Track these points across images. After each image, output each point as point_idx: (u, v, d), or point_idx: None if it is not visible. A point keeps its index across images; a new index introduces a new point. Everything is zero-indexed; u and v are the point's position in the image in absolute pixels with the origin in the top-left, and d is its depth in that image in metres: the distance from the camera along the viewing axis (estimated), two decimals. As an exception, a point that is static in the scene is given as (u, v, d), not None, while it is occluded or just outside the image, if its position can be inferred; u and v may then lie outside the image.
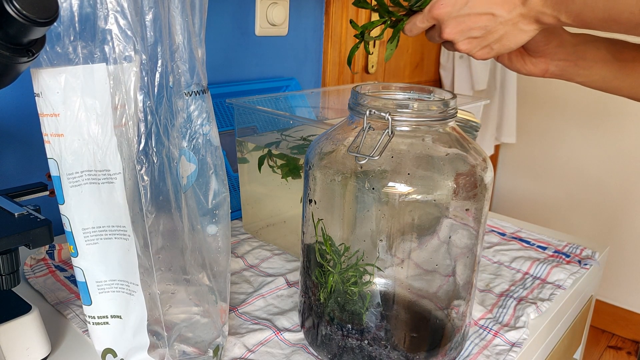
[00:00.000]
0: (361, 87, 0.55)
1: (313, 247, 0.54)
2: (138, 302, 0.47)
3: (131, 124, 0.43)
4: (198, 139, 0.49)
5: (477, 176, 0.50)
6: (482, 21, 0.54)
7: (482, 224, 0.53)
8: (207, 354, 0.52)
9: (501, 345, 0.61)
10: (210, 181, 0.50)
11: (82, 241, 0.46)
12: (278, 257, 0.79)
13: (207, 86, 0.50)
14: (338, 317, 0.53)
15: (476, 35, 0.55)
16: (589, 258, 0.84)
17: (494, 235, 0.92)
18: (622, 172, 1.92)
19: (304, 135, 0.78)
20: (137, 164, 0.44)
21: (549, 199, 2.11)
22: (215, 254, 0.51)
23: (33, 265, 0.72)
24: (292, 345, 0.59)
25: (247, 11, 1.06)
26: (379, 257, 0.51)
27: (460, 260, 0.52)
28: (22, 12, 0.32)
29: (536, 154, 2.11)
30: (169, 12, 0.45)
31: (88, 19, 0.41)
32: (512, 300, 0.70)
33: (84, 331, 0.58)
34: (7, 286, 0.48)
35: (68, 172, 0.44)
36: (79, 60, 0.42)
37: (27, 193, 0.58)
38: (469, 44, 0.56)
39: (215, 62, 1.03)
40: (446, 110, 0.50)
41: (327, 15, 1.23)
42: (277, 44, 1.15)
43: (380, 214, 0.49)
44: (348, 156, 0.50)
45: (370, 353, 0.52)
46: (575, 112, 1.98)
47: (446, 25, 0.55)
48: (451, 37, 0.56)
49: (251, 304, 0.66)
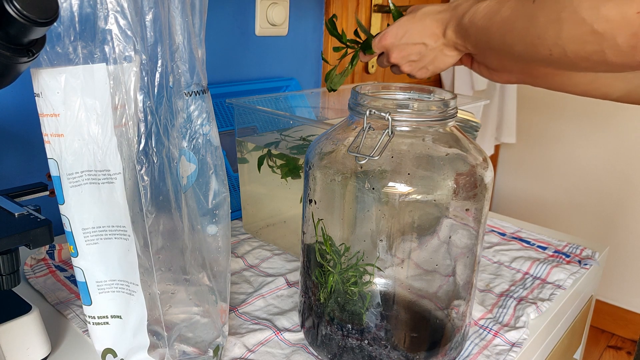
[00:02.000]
0: (361, 87, 0.55)
1: (313, 247, 0.54)
2: (138, 302, 0.47)
3: (131, 124, 0.43)
4: (198, 139, 0.49)
5: (477, 176, 0.50)
6: (417, 48, 0.68)
7: (482, 224, 0.53)
8: (207, 354, 0.52)
9: (501, 345, 0.61)
10: (210, 181, 0.50)
11: (82, 241, 0.46)
12: (278, 257, 0.79)
13: (207, 86, 0.50)
14: (338, 317, 0.53)
15: (414, 59, 0.69)
16: (589, 258, 0.84)
17: (494, 235, 0.92)
18: (622, 172, 1.92)
19: (303, 135, 0.78)
20: (137, 164, 0.44)
21: (549, 199, 2.11)
22: (215, 254, 0.51)
23: (33, 265, 0.72)
24: (292, 345, 0.59)
25: (247, 11, 1.06)
26: (379, 257, 0.51)
27: (460, 260, 0.52)
28: (22, 12, 0.32)
29: (536, 154, 2.11)
30: (169, 12, 0.45)
31: (88, 19, 0.41)
32: (512, 300, 0.70)
33: (84, 331, 0.58)
34: (7, 286, 0.48)
35: (68, 172, 0.44)
36: (79, 60, 0.42)
37: (27, 193, 0.58)
38: (410, 66, 0.70)
39: (215, 62, 1.03)
40: (446, 110, 0.50)
41: (327, 16, 1.23)
42: (277, 44, 1.15)
43: (380, 214, 0.49)
44: (348, 156, 0.50)
45: (370, 353, 0.52)
46: (575, 112, 1.98)
47: (392, 52, 0.70)
48: (397, 61, 0.70)
49: (251, 304, 0.66)
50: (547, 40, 0.50)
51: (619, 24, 0.43)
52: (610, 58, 0.46)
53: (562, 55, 0.50)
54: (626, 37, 0.43)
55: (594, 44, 0.46)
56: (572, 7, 0.46)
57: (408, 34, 0.68)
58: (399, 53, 0.70)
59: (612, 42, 0.44)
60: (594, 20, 0.45)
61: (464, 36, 0.63)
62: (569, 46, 0.48)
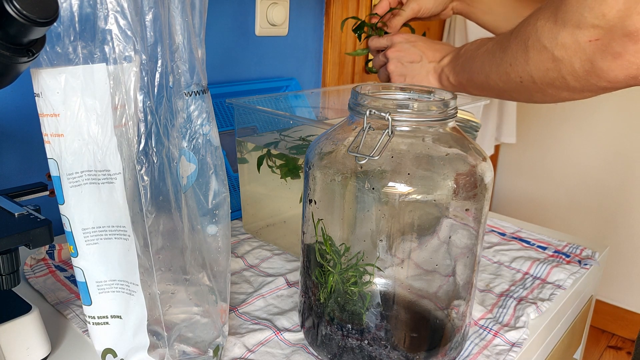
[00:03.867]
0: (361, 87, 0.55)
1: (313, 247, 0.54)
2: (138, 302, 0.47)
3: (131, 124, 0.43)
4: (198, 139, 0.49)
5: (477, 176, 0.50)
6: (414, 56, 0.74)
7: (482, 224, 0.53)
8: (207, 354, 0.52)
9: (501, 345, 0.61)
10: (210, 181, 0.50)
11: (82, 241, 0.46)
12: (278, 257, 0.79)
13: (207, 86, 0.50)
14: (338, 317, 0.53)
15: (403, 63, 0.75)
16: (589, 258, 0.84)
17: (494, 235, 0.92)
18: (622, 172, 1.92)
19: (303, 135, 0.78)
20: (137, 164, 0.44)
21: (549, 199, 2.11)
22: (215, 254, 0.51)
23: (33, 265, 0.72)
24: (292, 345, 0.59)
25: (247, 11, 1.06)
26: (379, 257, 0.51)
27: (460, 260, 0.52)
28: (22, 12, 0.32)
29: (536, 154, 2.11)
30: (169, 12, 0.45)
31: (88, 19, 0.41)
32: (512, 300, 0.70)
33: (84, 331, 0.58)
34: (7, 286, 0.48)
35: (68, 172, 0.44)
36: (79, 60, 0.42)
37: (27, 193, 0.58)
38: (394, 66, 0.76)
39: (215, 62, 1.03)
40: (446, 110, 0.50)
41: (327, 15, 1.23)
42: (277, 44, 1.15)
43: (380, 214, 0.49)
44: (348, 156, 0.50)
45: (370, 353, 0.52)
46: (575, 112, 1.98)
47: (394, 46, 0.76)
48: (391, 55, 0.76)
49: (251, 304, 0.66)
50: (517, 67, 0.55)
51: (574, 50, 0.48)
52: (571, 83, 0.50)
53: (531, 82, 0.54)
54: (581, 62, 0.48)
55: (554, 70, 0.51)
56: (536, 35, 0.51)
57: (418, 42, 0.75)
58: (398, 51, 0.76)
59: (570, 67, 0.49)
60: (553, 47, 0.49)
61: (454, 65, 0.69)
62: (535, 72, 0.53)
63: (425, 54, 0.74)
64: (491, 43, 0.61)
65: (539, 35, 0.51)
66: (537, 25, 0.51)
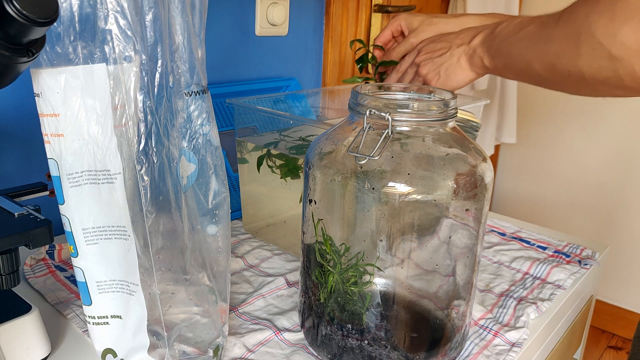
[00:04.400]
0: (361, 87, 0.55)
1: (313, 247, 0.54)
2: (138, 302, 0.47)
3: (131, 124, 0.43)
4: (198, 139, 0.49)
5: (477, 176, 0.50)
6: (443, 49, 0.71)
7: (482, 224, 0.53)
8: (207, 354, 0.52)
9: (501, 345, 0.61)
10: (210, 181, 0.50)
11: (82, 241, 0.46)
12: (278, 257, 0.79)
13: (207, 86, 0.50)
14: (338, 317, 0.53)
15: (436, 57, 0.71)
16: (589, 258, 0.84)
17: (494, 235, 0.92)
18: (622, 172, 1.92)
19: (303, 135, 0.78)
20: (137, 164, 0.44)
21: (549, 199, 2.11)
22: (215, 254, 0.51)
23: (33, 265, 0.72)
24: (292, 345, 0.59)
25: (247, 11, 1.06)
26: (379, 257, 0.51)
27: (460, 260, 0.52)
28: (22, 12, 0.32)
29: (536, 154, 2.11)
30: (169, 12, 0.45)
31: (88, 19, 0.41)
32: (512, 300, 0.70)
33: (84, 331, 0.58)
34: (7, 286, 0.48)
35: (68, 172, 0.44)
36: (79, 61, 0.42)
37: (27, 193, 0.58)
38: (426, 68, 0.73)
39: (215, 62, 1.03)
40: (446, 110, 0.50)
41: (327, 15, 1.23)
42: (277, 44, 1.15)
43: (380, 214, 0.49)
44: (348, 156, 0.50)
45: (370, 353, 0.52)
46: (575, 112, 1.98)
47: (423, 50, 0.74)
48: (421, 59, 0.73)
49: (251, 304, 0.66)
50: (565, 60, 0.49)
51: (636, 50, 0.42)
52: (628, 83, 0.45)
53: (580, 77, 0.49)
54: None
55: (610, 69, 0.45)
56: (589, 30, 0.45)
57: (441, 35, 0.73)
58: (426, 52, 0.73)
59: (629, 68, 0.44)
60: (610, 45, 0.44)
61: (488, 46, 0.64)
62: (587, 69, 0.47)
63: (452, 42, 0.70)
64: (533, 27, 0.55)
65: (593, 31, 0.45)
66: (589, 19, 0.46)
